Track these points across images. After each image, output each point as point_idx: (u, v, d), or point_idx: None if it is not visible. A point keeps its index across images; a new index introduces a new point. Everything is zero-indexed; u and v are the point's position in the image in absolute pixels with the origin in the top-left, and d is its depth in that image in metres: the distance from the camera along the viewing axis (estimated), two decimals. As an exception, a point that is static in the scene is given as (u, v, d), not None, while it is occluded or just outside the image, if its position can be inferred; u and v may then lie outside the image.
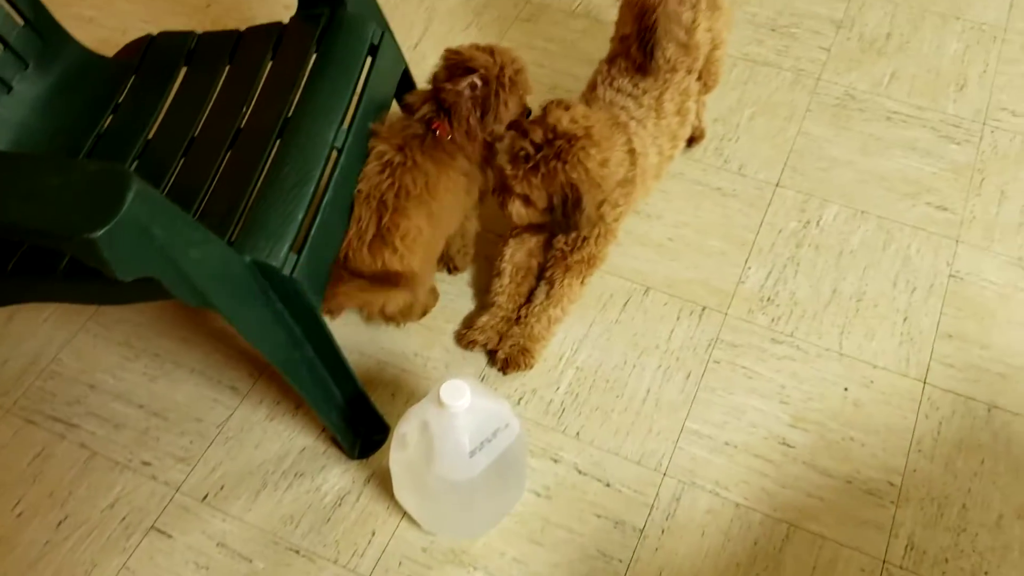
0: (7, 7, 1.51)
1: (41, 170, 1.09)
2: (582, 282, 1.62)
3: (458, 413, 1.24)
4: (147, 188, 1.04)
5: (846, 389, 1.59)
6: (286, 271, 1.26)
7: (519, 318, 1.62)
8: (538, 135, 1.42)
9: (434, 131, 1.45)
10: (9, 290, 1.40)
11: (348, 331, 1.67)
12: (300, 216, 1.31)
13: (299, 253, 1.29)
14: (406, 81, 1.69)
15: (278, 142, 1.39)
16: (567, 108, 1.46)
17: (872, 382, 1.60)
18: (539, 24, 2.21)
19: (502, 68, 1.49)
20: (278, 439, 1.54)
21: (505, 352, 1.60)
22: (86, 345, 1.66)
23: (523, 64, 1.53)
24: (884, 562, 1.41)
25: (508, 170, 1.45)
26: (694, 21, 1.59)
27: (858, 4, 2.24)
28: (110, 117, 1.53)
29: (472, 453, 1.27)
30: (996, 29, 2.18)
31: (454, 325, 1.68)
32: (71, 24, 1.68)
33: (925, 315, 1.68)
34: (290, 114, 1.42)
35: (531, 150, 1.42)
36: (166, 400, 1.59)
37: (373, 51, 1.55)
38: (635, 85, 1.60)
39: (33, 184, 1.05)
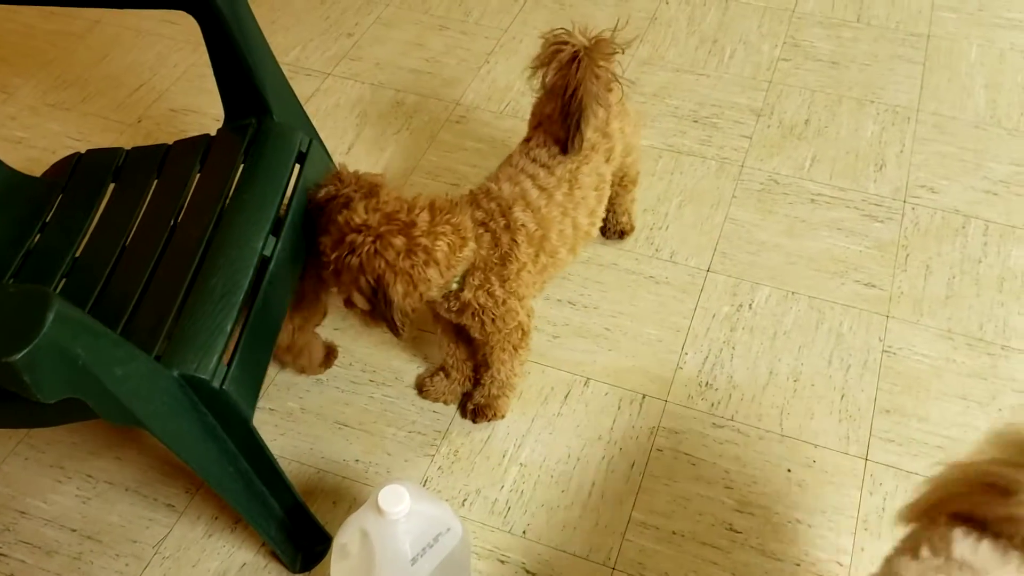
0: (-70, 132, 1.51)
1: (-42, 295, 1.07)
2: (516, 349, 1.58)
3: (397, 520, 1.22)
4: (69, 308, 1.03)
5: (789, 470, 1.59)
6: (216, 383, 1.24)
7: (477, 381, 1.67)
8: (328, 241, 1.36)
9: None
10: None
11: (286, 441, 1.64)
12: (228, 327, 1.29)
13: (229, 364, 1.27)
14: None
15: (206, 254, 1.39)
16: (368, 193, 1.38)
17: (814, 462, 1.60)
18: (469, 125, 2.26)
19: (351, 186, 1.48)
20: (217, 556, 1.50)
21: (474, 403, 1.67)
22: (16, 469, 1.61)
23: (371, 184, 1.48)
24: (838, 645, 1.40)
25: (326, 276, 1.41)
26: (608, 116, 1.62)
27: (776, 92, 2.33)
28: (38, 236, 1.52)
29: (414, 560, 1.25)
30: (909, 111, 2.27)
31: (395, 429, 1.66)
32: (3, 148, 1.68)
33: (861, 391, 1.70)
34: (217, 225, 1.43)
35: (328, 254, 1.35)
36: (100, 522, 1.54)
37: (301, 158, 1.57)
38: (552, 157, 1.56)
39: (-51, 309, 1.04)
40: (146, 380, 1.17)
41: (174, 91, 2.38)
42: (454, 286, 1.44)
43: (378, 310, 1.35)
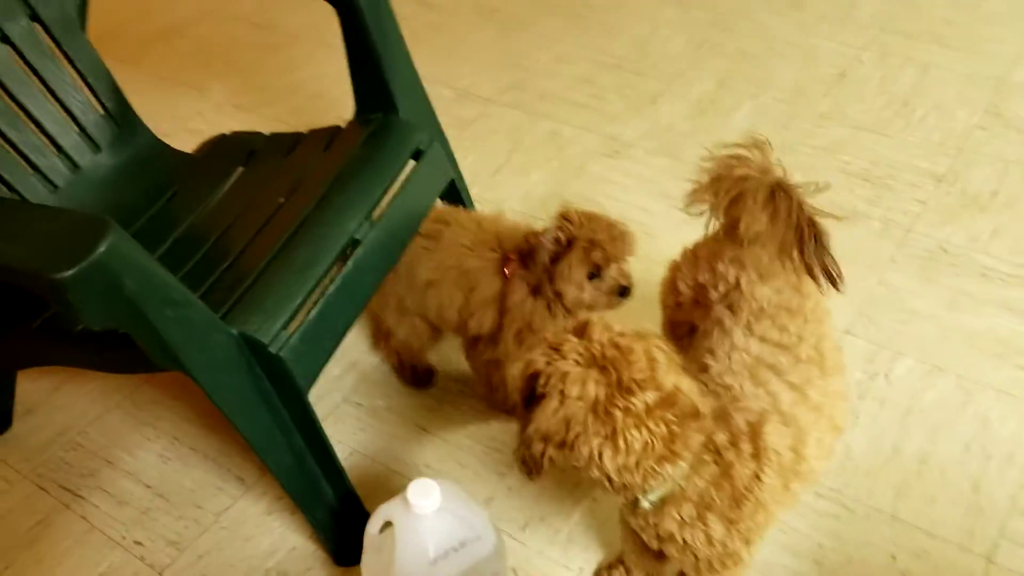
0: (89, 96, 1.63)
1: (36, 217, 1.14)
2: None
3: (423, 515, 1.16)
4: (127, 241, 1.06)
5: (894, 556, 1.39)
6: (273, 348, 1.24)
7: None
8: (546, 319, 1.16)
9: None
10: (30, 350, 1.45)
11: (364, 436, 1.63)
12: (300, 298, 1.30)
13: (293, 334, 1.27)
14: (454, 192, 1.69)
15: (299, 229, 1.41)
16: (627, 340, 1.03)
17: (926, 552, 1.39)
18: (620, 160, 2.20)
19: (588, 233, 1.41)
20: (270, 535, 1.49)
21: None
22: (115, 422, 1.68)
23: (619, 232, 1.43)
24: None
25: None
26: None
27: (965, 160, 2.12)
28: (164, 203, 1.60)
29: (435, 561, 1.18)
30: (1123, 193, 2.00)
31: (473, 442, 1.60)
32: (184, 136, 1.80)
33: (1000, 487, 1.47)
34: (318, 204, 1.45)
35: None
36: (173, 483, 1.57)
37: (418, 156, 1.57)
38: (782, 331, 1.18)
39: (24, 227, 1.10)
40: (200, 329, 1.19)
41: (347, 101, 2.47)
42: (645, 504, 1.07)
43: (517, 415, 1.07)
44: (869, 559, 1.39)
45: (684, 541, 1.09)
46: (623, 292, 1.44)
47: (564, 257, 1.41)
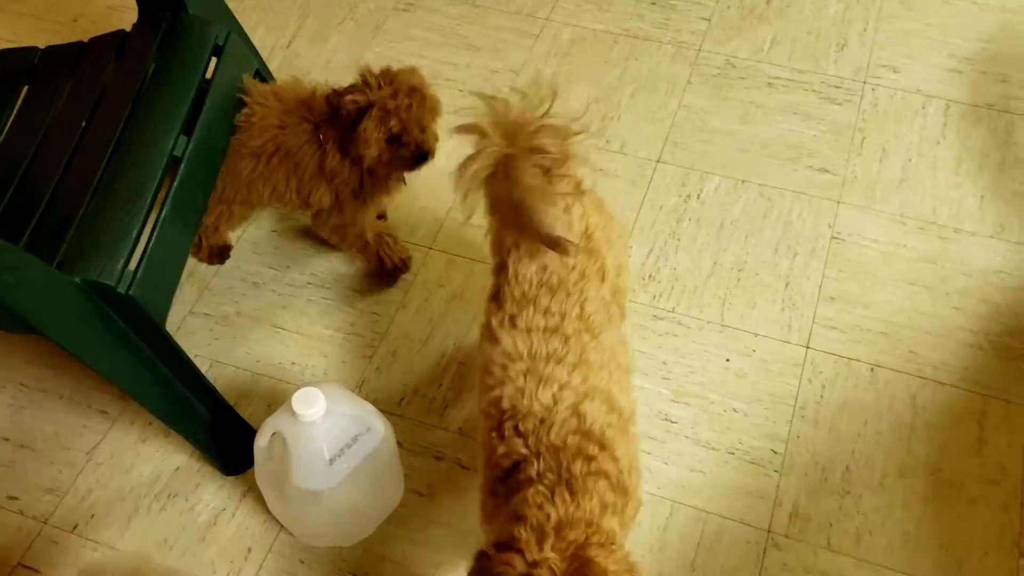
0: None
1: None
2: None
3: (312, 421, 1.21)
4: (-56, 213, 1.00)
5: (728, 360, 1.57)
6: (121, 289, 1.21)
7: None
8: None
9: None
10: None
11: (220, 345, 1.63)
12: (135, 231, 1.26)
13: (137, 269, 1.24)
14: (259, 79, 1.64)
15: (115, 154, 1.34)
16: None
17: (754, 351, 1.58)
18: (417, 13, 2.17)
19: (390, 97, 1.42)
20: (150, 461, 1.50)
21: None
22: (-52, 381, 1.60)
23: (420, 97, 1.44)
24: (769, 532, 1.39)
25: None
26: (582, 215, 1.23)
27: (737, -29, 2.23)
28: (-53, 142, 1.48)
29: (331, 460, 1.24)
30: (876, -14, 2.17)
31: (332, 332, 1.64)
32: None
33: (807, 279, 1.67)
34: (128, 124, 1.38)
35: None
36: (33, 430, 1.54)
37: (218, 52, 1.51)
38: (545, 314, 1.15)
39: None
40: (42, 287, 1.14)
41: (110, -13, 2.29)
42: None
43: None
44: (707, 366, 1.57)
45: None
46: (421, 158, 1.48)
47: (362, 121, 1.43)
